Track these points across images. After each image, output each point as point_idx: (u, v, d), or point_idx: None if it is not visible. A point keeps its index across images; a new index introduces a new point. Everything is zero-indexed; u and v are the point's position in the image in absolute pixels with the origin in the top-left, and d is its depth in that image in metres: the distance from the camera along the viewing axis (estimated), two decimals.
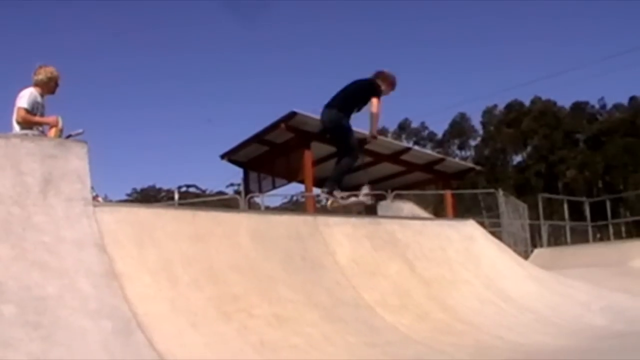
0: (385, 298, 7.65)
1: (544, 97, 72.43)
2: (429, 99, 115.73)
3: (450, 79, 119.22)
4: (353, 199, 10.09)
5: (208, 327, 5.70)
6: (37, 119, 8.20)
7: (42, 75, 8.45)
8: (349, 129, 9.72)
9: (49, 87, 8.50)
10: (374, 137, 10.11)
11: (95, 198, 8.86)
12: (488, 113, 76.74)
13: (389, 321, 7.15)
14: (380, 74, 9.92)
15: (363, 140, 21.89)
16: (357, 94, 9.73)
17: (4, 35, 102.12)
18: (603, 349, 7.08)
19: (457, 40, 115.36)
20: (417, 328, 7.18)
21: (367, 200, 10.30)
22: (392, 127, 78.80)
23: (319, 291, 7.15)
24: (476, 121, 78.62)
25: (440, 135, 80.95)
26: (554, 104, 72.63)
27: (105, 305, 5.20)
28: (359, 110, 9.72)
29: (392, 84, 10.03)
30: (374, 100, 9.57)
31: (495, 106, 76.30)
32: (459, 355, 6.50)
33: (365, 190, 10.21)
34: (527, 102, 73.88)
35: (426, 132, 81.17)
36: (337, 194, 9.72)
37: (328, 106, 9.72)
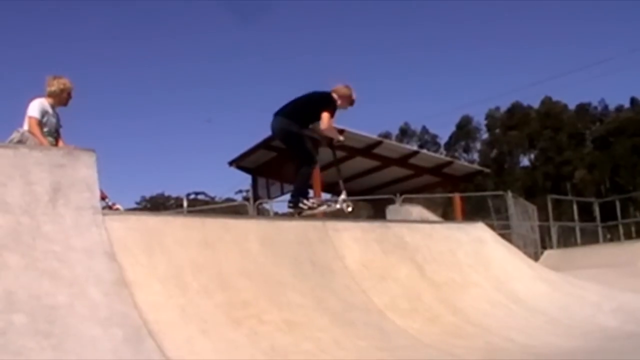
0: (395, 302, 7.64)
1: (550, 98, 72.31)
2: (431, 101, 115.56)
3: (451, 82, 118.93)
4: (324, 207, 9.74)
5: (218, 334, 5.71)
6: (39, 135, 8.18)
7: (54, 86, 8.46)
8: (300, 136, 9.26)
9: (61, 98, 8.52)
10: (338, 141, 9.85)
11: (113, 206, 8.89)
12: (491, 115, 76.60)
13: (399, 325, 7.15)
14: (337, 89, 9.52)
15: (373, 145, 22.06)
16: (309, 106, 9.34)
17: (5, 43, 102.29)
18: (614, 350, 7.06)
19: (458, 42, 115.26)
20: (428, 331, 7.17)
21: (346, 208, 9.52)
22: (395, 131, 78.69)
23: (328, 296, 7.15)
24: (480, 124, 78.52)
25: (444, 138, 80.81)
26: (559, 104, 72.44)
27: (115, 313, 5.21)
28: (311, 122, 9.42)
29: (348, 99, 9.61)
30: (324, 116, 9.19)
31: (498, 108, 76.19)
32: (470, 357, 6.49)
33: (342, 196, 9.59)
34: (530, 104, 73.81)
35: (429, 135, 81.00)
36: (306, 204, 9.41)
37: (276, 114, 9.38)
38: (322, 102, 9.34)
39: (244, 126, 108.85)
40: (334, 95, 9.42)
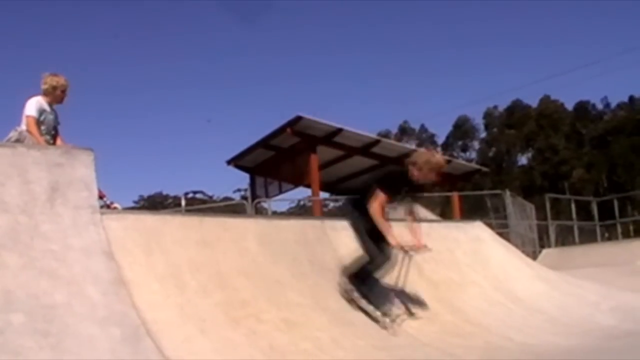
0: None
1: (549, 97, 72.40)
2: (430, 101, 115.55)
3: (450, 81, 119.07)
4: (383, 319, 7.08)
5: (217, 333, 5.70)
6: (36, 134, 8.17)
7: (47, 84, 8.46)
8: (357, 227, 7.31)
9: (55, 96, 8.51)
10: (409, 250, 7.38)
11: (111, 205, 8.87)
12: (489, 114, 76.67)
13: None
14: (413, 157, 7.42)
15: (371, 144, 22.02)
16: (369, 187, 7.32)
17: (3, 42, 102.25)
18: (612, 349, 7.06)
19: (458, 42, 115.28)
20: (426, 330, 7.17)
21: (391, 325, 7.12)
22: (394, 129, 78.66)
23: (327, 295, 7.14)
24: (478, 123, 78.57)
25: (442, 137, 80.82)
26: (557, 103, 72.52)
27: (113, 313, 5.20)
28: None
29: (430, 166, 7.31)
30: (373, 196, 7.11)
31: (496, 107, 76.26)
32: (468, 356, 6.49)
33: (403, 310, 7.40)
34: (528, 103, 73.89)
35: (427, 134, 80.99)
36: (355, 295, 7.19)
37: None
38: (378, 178, 7.59)
39: (242, 125, 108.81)
40: (411, 168, 7.32)
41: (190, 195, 55.58)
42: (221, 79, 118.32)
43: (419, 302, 7.68)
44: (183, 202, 31.51)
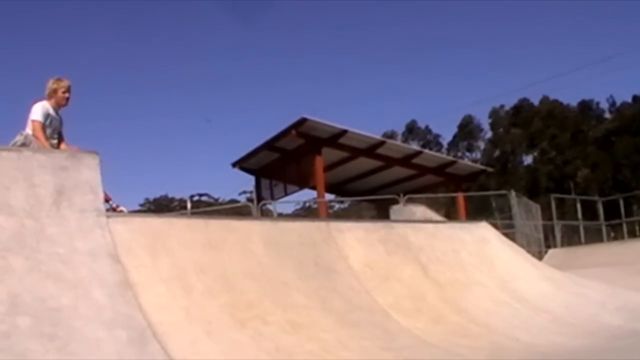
0: (399, 302, 7.64)
1: (550, 97, 72.19)
2: (435, 101, 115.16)
3: (455, 82, 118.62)
4: None
5: (223, 335, 5.71)
6: (42, 139, 8.19)
7: (49, 88, 8.50)
8: None
9: (57, 98, 8.52)
10: None
11: (117, 208, 8.90)
12: (495, 114, 76.44)
13: (403, 325, 7.15)
14: None
15: (377, 145, 22.05)
16: None
17: (7, 45, 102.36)
18: (619, 348, 7.05)
19: (461, 42, 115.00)
20: (432, 331, 7.17)
21: None
22: (400, 129, 78.52)
23: (332, 296, 7.15)
24: (483, 123, 78.33)
25: (448, 138, 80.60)
26: (562, 103, 72.38)
27: (119, 315, 5.22)
28: None
29: None
30: None
31: (502, 107, 76.01)
32: (474, 357, 6.49)
33: None
34: (533, 103, 73.66)
35: (431, 135, 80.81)
36: None
37: None
38: None
39: (247, 127, 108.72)
40: None
41: (196, 198, 55.79)
42: (226, 80, 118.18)
43: None
44: (189, 205, 31.53)
